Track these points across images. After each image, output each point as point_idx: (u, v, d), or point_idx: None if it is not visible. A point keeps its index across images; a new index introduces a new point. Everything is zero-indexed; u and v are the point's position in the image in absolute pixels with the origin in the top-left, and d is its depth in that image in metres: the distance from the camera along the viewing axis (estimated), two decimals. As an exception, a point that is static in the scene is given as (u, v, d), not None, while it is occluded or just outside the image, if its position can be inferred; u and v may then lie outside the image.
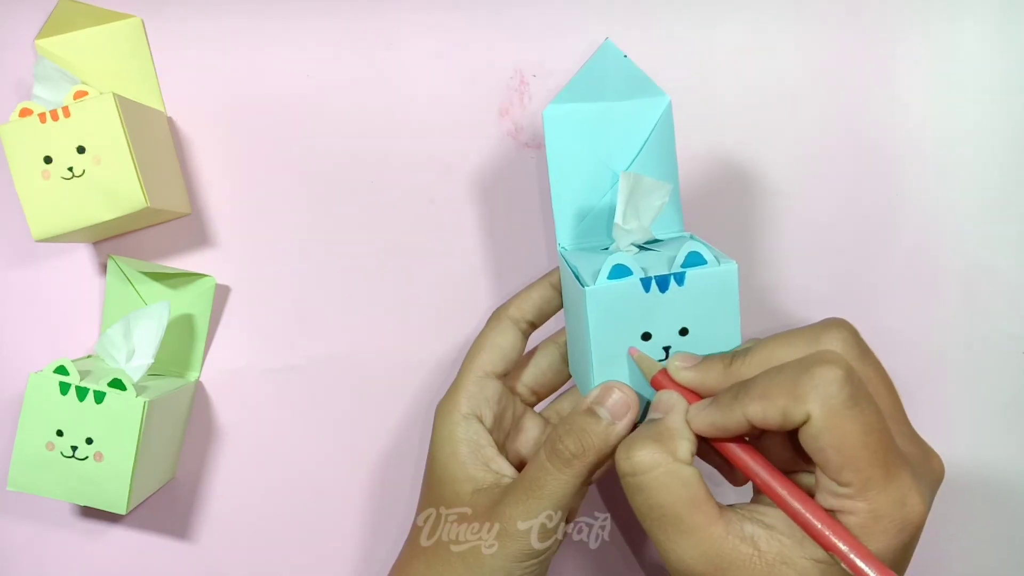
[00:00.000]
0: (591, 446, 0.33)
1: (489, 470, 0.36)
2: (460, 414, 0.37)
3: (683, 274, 0.32)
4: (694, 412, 0.32)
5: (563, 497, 0.34)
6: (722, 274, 0.33)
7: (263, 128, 0.46)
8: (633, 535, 0.47)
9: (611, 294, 0.33)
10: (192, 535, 0.47)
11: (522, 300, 0.39)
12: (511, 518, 0.34)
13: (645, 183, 0.34)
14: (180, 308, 0.46)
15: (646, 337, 0.33)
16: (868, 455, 0.28)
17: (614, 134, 0.37)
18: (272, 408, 0.47)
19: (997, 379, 0.46)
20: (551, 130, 0.37)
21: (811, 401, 0.28)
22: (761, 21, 0.45)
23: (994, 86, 0.45)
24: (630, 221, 0.35)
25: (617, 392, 0.33)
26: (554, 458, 0.33)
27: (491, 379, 0.38)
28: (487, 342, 0.38)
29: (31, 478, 0.41)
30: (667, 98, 0.37)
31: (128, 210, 0.41)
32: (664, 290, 0.33)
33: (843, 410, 0.28)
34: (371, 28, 0.46)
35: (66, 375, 0.40)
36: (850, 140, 0.45)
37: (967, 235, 0.46)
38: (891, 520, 0.29)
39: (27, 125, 0.40)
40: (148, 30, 0.46)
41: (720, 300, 0.33)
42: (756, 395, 0.29)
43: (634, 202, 0.35)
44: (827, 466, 0.29)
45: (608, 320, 0.33)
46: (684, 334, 0.33)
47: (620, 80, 0.37)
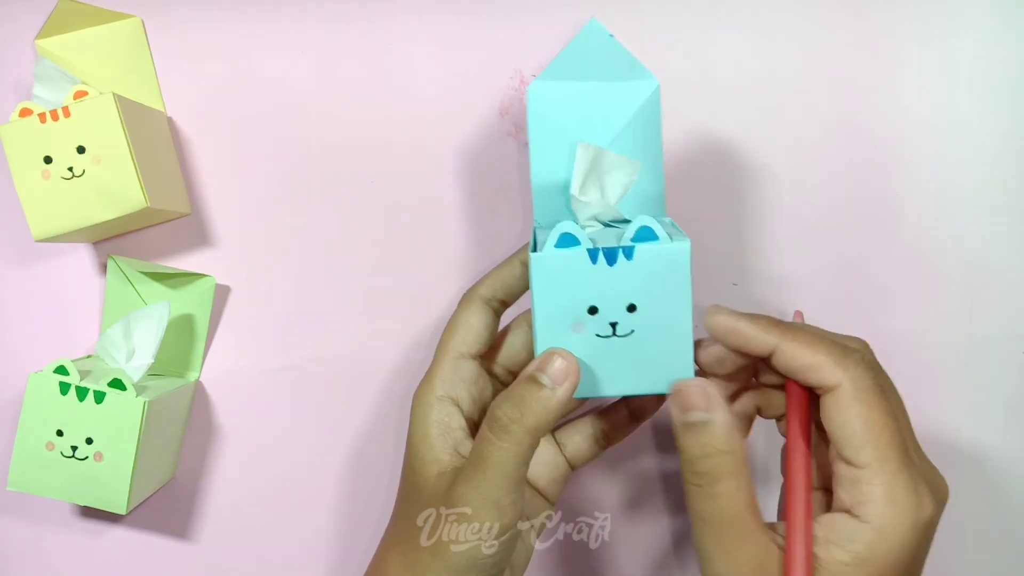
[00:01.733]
0: (529, 411, 0.32)
1: (456, 454, 0.36)
2: (434, 396, 0.37)
3: (632, 248, 0.32)
4: (724, 314, 0.33)
5: (509, 468, 0.33)
6: (673, 251, 0.32)
7: (263, 128, 0.46)
8: (633, 535, 0.47)
9: (557, 262, 0.32)
10: (192, 535, 0.47)
11: (492, 279, 0.38)
12: (462, 496, 0.33)
13: (609, 158, 0.34)
14: (180, 308, 0.46)
15: (592, 311, 0.32)
16: (889, 436, 0.30)
17: (597, 114, 0.37)
18: (272, 408, 0.47)
19: (997, 379, 0.46)
20: (534, 107, 0.36)
21: (851, 369, 0.30)
22: (761, 21, 0.45)
23: (993, 85, 0.45)
24: (589, 193, 0.34)
25: (558, 359, 0.33)
26: (493, 426, 0.33)
27: (466, 360, 0.38)
28: (460, 323, 0.38)
29: (31, 478, 0.41)
30: (655, 81, 0.36)
31: (128, 210, 0.41)
32: (612, 263, 0.32)
33: (874, 389, 0.30)
34: (371, 28, 0.46)
35: (66, 375, 0.40)
36: (850, 139, 0.45)
37: (967, 235, 0.46)
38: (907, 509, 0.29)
39: (27, 125, 0.40)
40: (148, 30, 0.46)
41: (671, 278, 0.32)
42: (800, 338, 0.32)
43: (596, 176, 0.34)
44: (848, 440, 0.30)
45: (553, 289, 0.32)
46: (632, 311, 0.32)
47: (606, 60, 0.36)
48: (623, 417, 0.41)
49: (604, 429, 0.41)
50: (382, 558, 0.37)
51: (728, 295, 0.46)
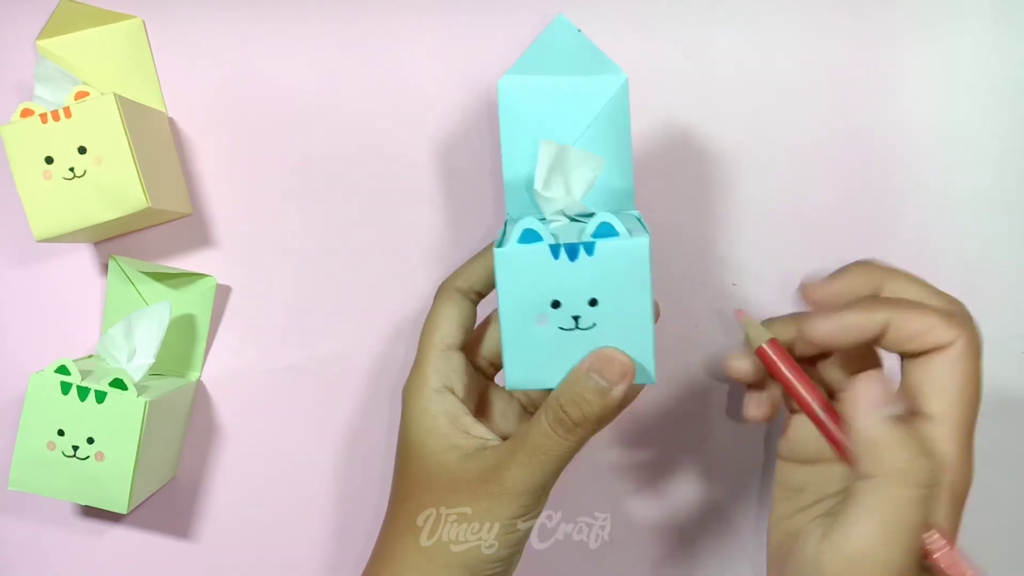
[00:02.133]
0: (592, 414, 0.33)
1: (471, 436, 0.36)
2: (431, 388, 0.37)
3: (592, 244, 0.33)
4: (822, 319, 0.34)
5: (566, 460, 0.35)
6: (632, 247, 0.33)
7: (264, 128, 0.46)
8: (633, 535, 0.47)
9: (519, 258, 0.33)
10: (193, 534, 0.47)
11: (467, 271, 0.39)
12: (518, 480, 0.34)
13: (573, 154, 0.35)
14: (181, 308, 0.46)
15: (555, 305, 0.33)
16: (976, 401, 0.33)
17: (566, 108, 0.37)
18: (272, 408, 0.47)
19: (997, 379, 0.46)
20: (504, 101, 0.37)
21: (966, 331, 0.33)
22: (760, 21, 0.45)
23: (992, 85, 0.45)
24: (553, 189, 0.35)
25: (616, 362, 0.33)
26: (558, 427, 0.34)
27: (454, 351, 0.38)
28: (442, 315, 0.38)
29: (32, 477, 0.41)
30: (623, 75, 0.37)
31: (129, 210, 0.41)
32: (574, 259, 0.33)
33: (978, 355, 0.33)
34: (371, 29, 0.46)
35: (67, 375, 0.40)
36: (849, 139, 0.46)
37: (966, 235, 0.46)
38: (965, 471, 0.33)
39: (28, 125, 0.41)
40: (149, 31, 0.46)
41: (630, 273, 0.33)
42: (907, 305, 0.33)
43: (561, 172, 0.35)
44: (945, 390, 0.32)
45: (517, 283, 0.33)
46: (594, 304, 0.33)
47: (574, 55, 0.37)
48: None
49: None
50: (390, 548, 0.37)
51: (727, 295, 0.46)
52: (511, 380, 0.35)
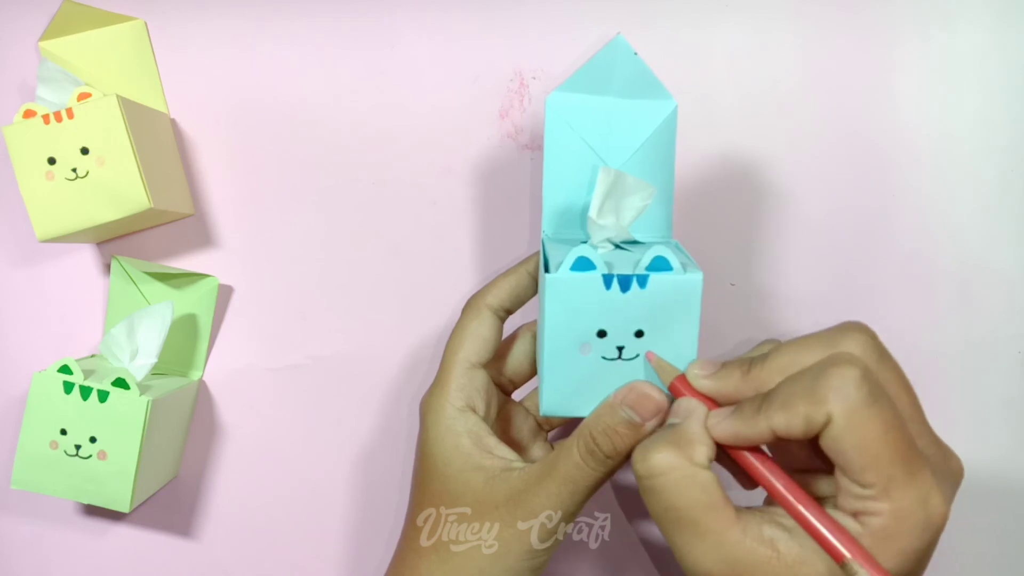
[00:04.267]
0: (623, 447, 0.33)
1: (495, 457, 0.36)
2: (455, 407, 0.37)
3: (646, 277, 0.32)
4: (715, 420, 0.31)
5: (593, 490, 0.34)
6: (686, 283, 0.33)
7: (266, 129, 0.46)
8: (633, 535, 0.47)
9: (571, 285, 0.33)
10: (195, 533, 0.47)
11: (498, 287, 0.38)
12: (542, 506, 0.34)
13: (628, 182, 0.34)
14: (183, 308, 0.46)
15: (601, 334, 0.33)
16: (889, 453, 0.28)
17: (614, 130, 0.37)
18: (275, 407, 0.47)
19: (995, 379, 0.46)
20: (552, 117, 0.37)
21: (831, 402, 0.28)
22: (759, 22, 0.45)
23: (991, 87, 0.45)
24: (606, 217, 0.35)
25: (651, 400, 0.33)
26: (589, 457, 0.34)
27: (478, 369, 0.38)
28: (469, 332, 0.38)
29: (35, 476, 0.41)
30: (674, 102, 0.37)
31: (132, 211, 0.41)
32: (625, 290, 0.33)
33: (862, 408, 0.28)
34: (373, 30, 0.46)
35: (70, 374, 0.40)
36: (847, 141, 0.46)
37: (964, 236, 0.46)
38: (915, 520, 0.28)
39: (31, 126, 0.41)
40: (151, 32, 0.46)
41: (681, 308, 0.33)
42: (778, 405, 0.29)
43: (614, 199, 0.34)
44: (849, 467, 0.28)
45: (565, 311, 0.33)
46: (640, 336, 0.33)
47: (628, 77, 0.37)
48: None
49: None
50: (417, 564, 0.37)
51: (727, 295, 0.46)
52: (546, 406, 0.35)
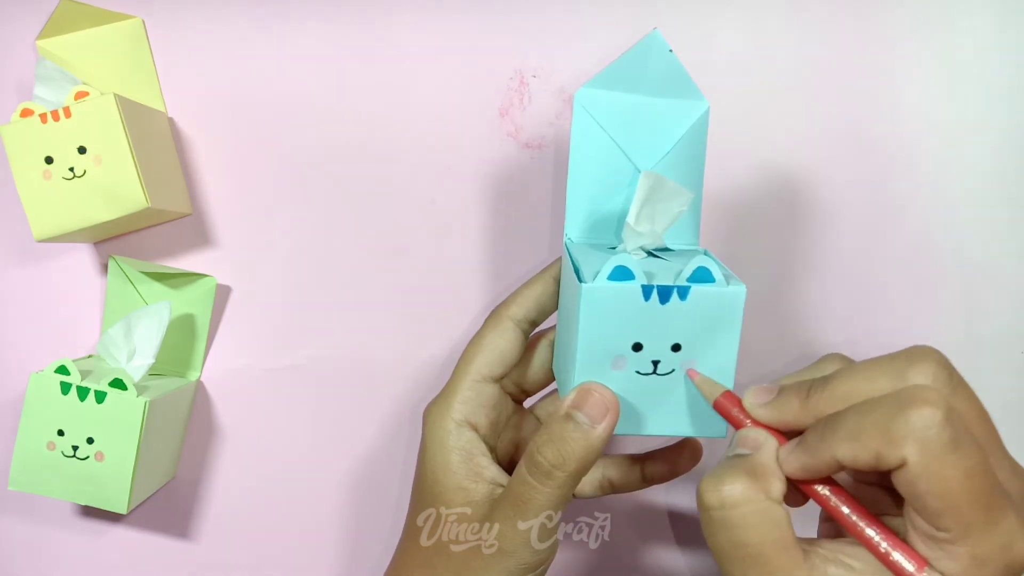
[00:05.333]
0: (571, 454, 0.31)
1: (482, 479, 0.35)
2: (453, 421, 0.36)
3: (688, 288, 0.31)
4: (784, 454, 0.29)
5: (551, 509, 0.32)
6: (729, 295, 0.31)
7: (264, 128, 0.46)
8: (633, 535, 0.47)
9: (608, 295, 0.31)
10: (192, 534, 0.47)
11: (523, 297, 0.37)
12: (502, 535, 0.33)
13: (667, 187, 0.32)
14: (181, 308, 0.46)
15: (637, 347, 0.32)
16: (970, 500, 0.26)
17: (644, 130, 0.35)
18: (273, 408, 0.47)
19: (997, 379, 0.46)
20: (580, 113, 0.35)
21: (908, 446, 0.25)
22: (761, 21, 0.45)
23: (993, 86, 0.45)
24: (643, 223, 0.33)
25: (596, 394, 0.31)
26: (535, 471, 0.32)
27: (488, 383, 0.37)
28: (486, 344, 0.37)
29: (32, 478, 0.41)
30: (706, 103, 0.35)
31: (129, 210, 0.41)
32: (665, 302, 0.31)
33: (944, 455, 0.25)
34: (372, 29, 0.46)
35: (67, 375, 0.40)
36: (849, 139, 0.46)
37: (966, 235, 0.46)
38: (995, 566, 0.26)
39: (28, 125, 0.41)
40: (149, 30, 0.46)
41: (721, 322, 0.31)
42: (845, 436, 0.27)
43: (651, 204, 0.33)
44: (924, 511, 0.26)
45: (600, 322, 0.31)
46: (676, 350, 0.32)
47: (661, 75, 0.35)
48: (635, 477, 0.40)
49: (612, 480, 0.40)
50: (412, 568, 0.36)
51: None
52: None
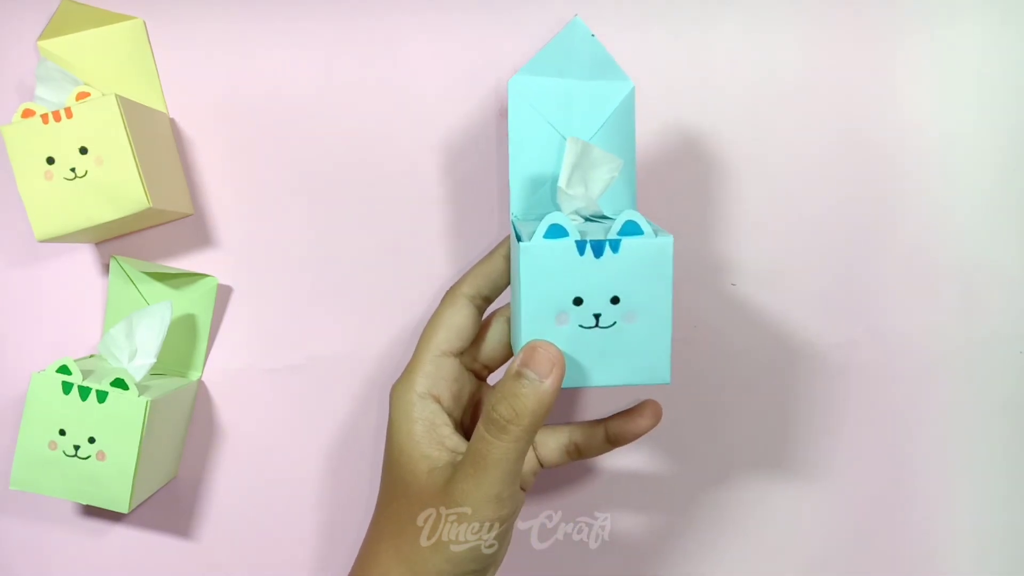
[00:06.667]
0: (524, 409, 0.33)
1: (444, 448, 0.36)
2: (416, 394, 0.37)
3: (618, 241, 0.33)
4: None
5: (509, 465, 0.34)
6: (657, 246, 0.33)
7: (265, 129, 0.46)
8: (633, 535, 0.47)
9: (545, 252, 0.33)
10: (194, 534, 0.47)
11: (475, 276, 0.39)
12: (464, 493, 0.34)
13: (595, 153, 0.35)
14: (182, 308, 0.46)
15: (577, 302, 0.34)
16: None
17: (575, 111, 0.38)
18: (273, 407, 0.47)
19: (996, 379, 0.46)
20: (514, 101, 0.37)
21: None
22: (761, 21, 0.45)
23: (993, 86, 0.45)
24: (575, 187, 0.35)
25: (541, 350, 0.33)
26: (491, 427, 0.33)
27: (448, 358, 0.38)
28: (443, 321, 0.38)
29: (34, 477, 0.41)
30: (631, 83, 0.37)
31: (130, 211, 0.41)
32: (599, 255, 0.33)
33: None
34: (371, 29, 0.46)
35: (69, 375, 0.40)
36: (849, 139, 0.46)
37: (966, 235, 0.46)
38: None
39: (30, 126, 0.41)
40: (150, 31, 0.46)
41: (653, 273, 0.33)
42: None
43: (581, 170, 0.35)
44: None
45: (541, 279, 0.33)
46: (616, 303, 0.34)
47: (587, 59, 0.37)
48: (599, 439, 0.41)
49: (578, 444, 0.41)
50: (373, 552, 0.37)
51: (727, 295, 0.46)
52: None
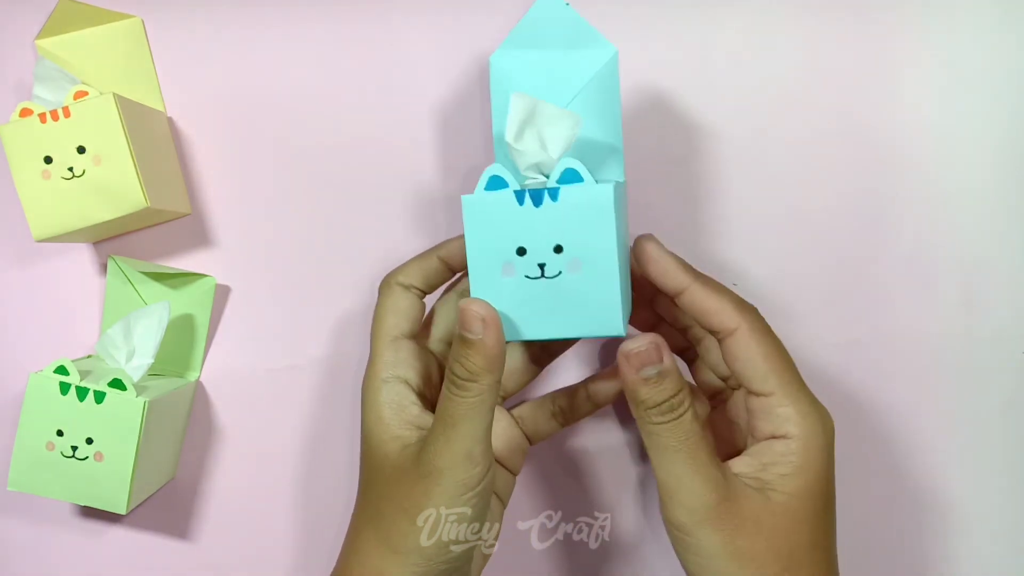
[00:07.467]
0: (475, 366, 0.34)
1: (414, 427, 0.37)
2: (380, 379, 0.38)
3: (557, 189, 0.33)
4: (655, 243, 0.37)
5: (476, 418, 0.34)
6: (596, 193, 0.33)
7: (263, 128, 0.46)
8: (633, 535, 0.47)
9: (486, 204, 0.34)
10: (192, 535, 0.47)
11: (408, 269, 0.39)
12: (436, 453, 0.34)
13: (548, 110, 0.34)
14: (180, 308, 0.46)
15: (521, 252, 0.34)
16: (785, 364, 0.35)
17: (556, 81, 0.38)
18: (272, 408, 0.47)
19: (997, 379, 0.46)
20: (496, 77, 0.37)
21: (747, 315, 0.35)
22: (761, 21, 0.45)
23: (993, 85, 0.45)
24: (525, 142, 0.35)
25: (469, 310, 0.34)
26: (452, 387, 0.34)
27: (403, 340, 0.38)
28: (386, 308, 0.39)
29: (31, 478, 0.41)
30: (613, 48, 0.37)
31: (128, 210, 0.41)
32: (538, 204, 0.33)
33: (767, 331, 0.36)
34: (371, 28, 0.46)
35: (66, 375, 0.40)
36: (849, 138, 0.45)
37: (966, 234, 0.46)
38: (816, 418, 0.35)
39: (27, 125, 0.41)
40: (148, 30, 0.46)
41: (595, 220, 0.33)
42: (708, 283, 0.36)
43: (535, 127, 0.35)
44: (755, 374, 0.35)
45: (484, 230, 0.34)
46: (559, 251, 0.34)
47: (564, 29, 0.37)
48: (582, 398, 0.43)
49: (562, 407, 0.43)
50: (356, 537, 0.38)
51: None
52: None
